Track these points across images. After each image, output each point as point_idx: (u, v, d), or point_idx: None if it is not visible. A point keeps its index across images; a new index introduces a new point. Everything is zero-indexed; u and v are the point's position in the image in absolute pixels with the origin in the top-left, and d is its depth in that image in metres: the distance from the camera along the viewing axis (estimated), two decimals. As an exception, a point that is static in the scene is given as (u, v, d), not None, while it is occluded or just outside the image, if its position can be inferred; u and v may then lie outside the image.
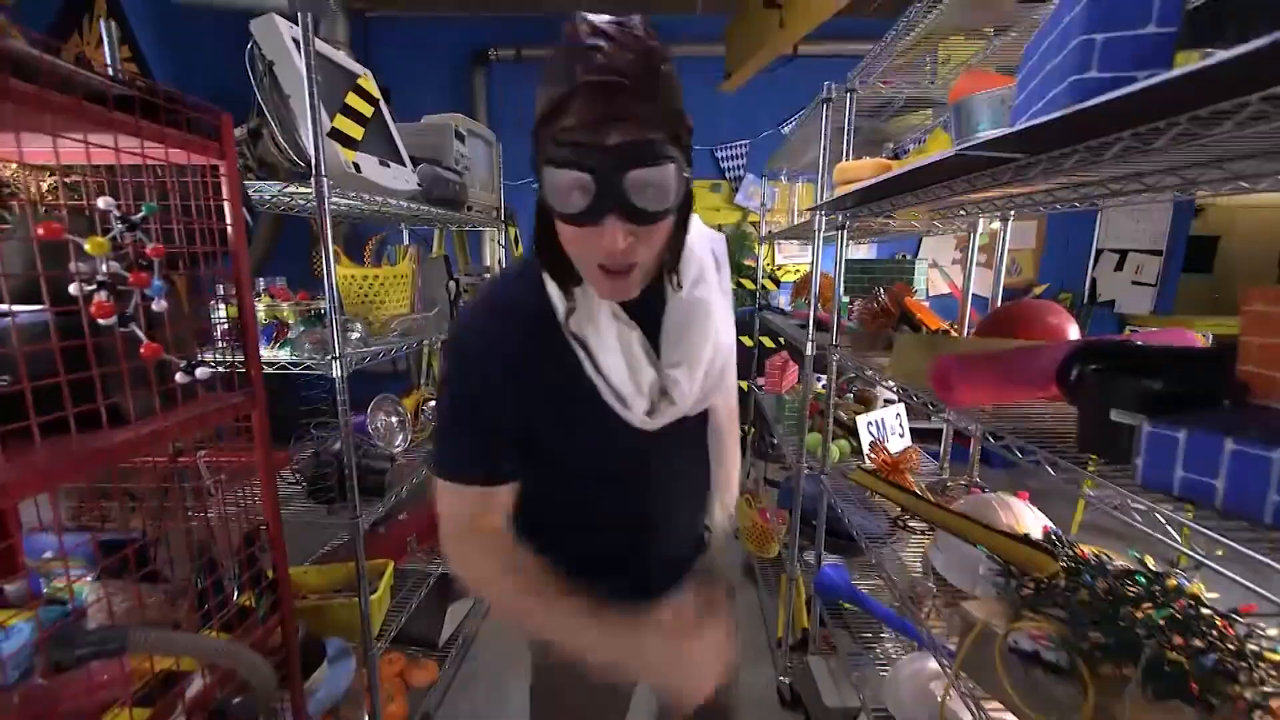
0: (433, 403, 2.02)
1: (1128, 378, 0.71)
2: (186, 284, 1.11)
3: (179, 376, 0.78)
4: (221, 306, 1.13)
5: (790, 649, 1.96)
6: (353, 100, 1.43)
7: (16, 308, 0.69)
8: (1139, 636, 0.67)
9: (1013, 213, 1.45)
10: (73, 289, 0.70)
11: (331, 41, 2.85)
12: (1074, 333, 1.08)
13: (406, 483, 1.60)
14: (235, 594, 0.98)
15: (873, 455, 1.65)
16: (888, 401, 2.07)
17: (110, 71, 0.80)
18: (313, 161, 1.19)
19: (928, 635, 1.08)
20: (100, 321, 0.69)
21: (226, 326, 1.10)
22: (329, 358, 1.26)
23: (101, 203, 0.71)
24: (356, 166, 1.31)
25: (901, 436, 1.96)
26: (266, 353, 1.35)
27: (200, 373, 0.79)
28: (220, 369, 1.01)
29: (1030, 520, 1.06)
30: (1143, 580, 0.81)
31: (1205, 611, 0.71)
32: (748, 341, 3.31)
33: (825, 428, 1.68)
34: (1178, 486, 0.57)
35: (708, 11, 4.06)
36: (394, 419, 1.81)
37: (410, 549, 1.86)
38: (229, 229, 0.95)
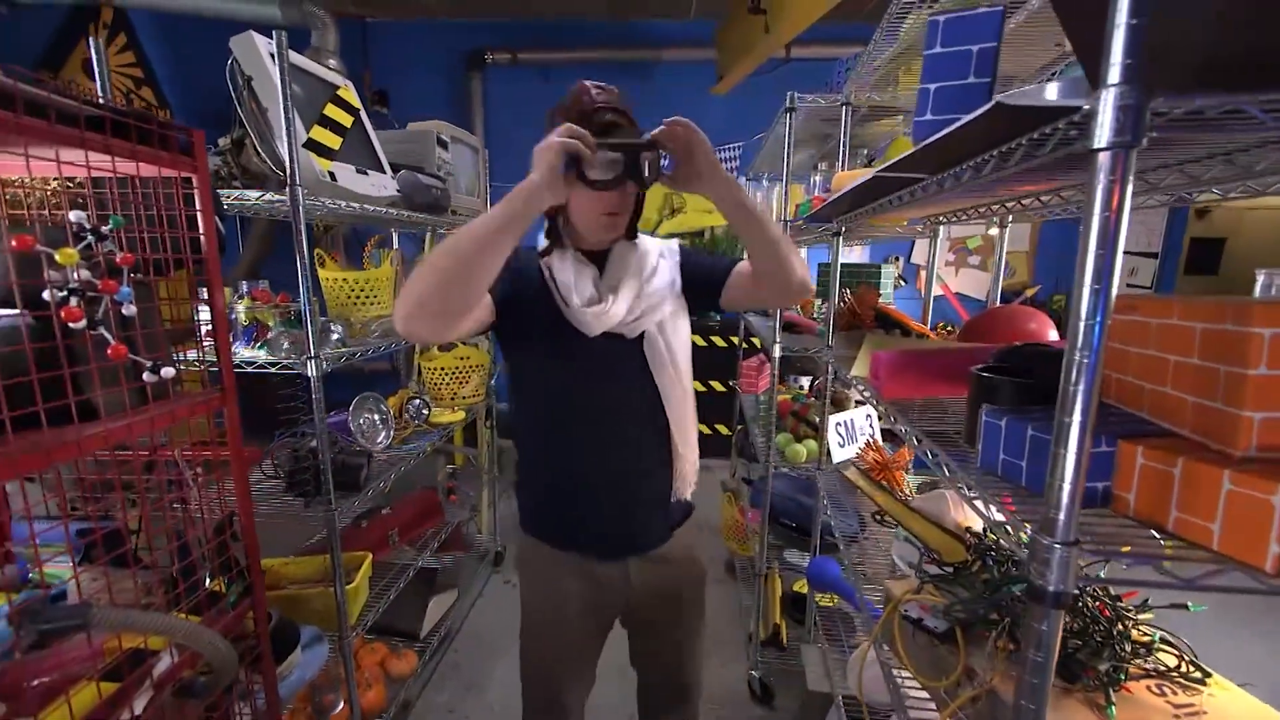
0: (416, 401, 2.08)
1: (999, 376, 0.76)
2: (180, 288, 1.18)
3: (146, 375, 0.84)
4: (204, 309, 1.19)
5: (762, 644, 2.01)
6: (331, 111, 1.49)
7: (-6, 312, 0.75)
8: (1007, 608, 0.73)
9: (1010, 218, 1.50)
10: (45, 295, 0.76)
11: (322, 50, 2.93)
12: (1053, 337, 1.15)
13: (386, 478, 1.66)
14: (207, 580, 1.05)
15: (864, 453, 1.70)
16: (859, 403, 2.11)
17: (99, 92, 0.86)
18: (287, 171, 1.25)
19: (868, 608, 1.15)
20: (71, 325, 0.75)
21: (208, 328, 1.17)
22: (305, 358, 1.32)
23: (72, 216, 0.77)
24: (332, 175, 1.37)
25: (871, 437, 2.00)
26: (246, 352, 1.42)
27: (165, 372, 0.85)
28: (191, 368, 1.08)
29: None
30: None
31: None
32: (735, 341, 3.35)
33: (823, 425, 1.74)
34: (1001, 468, 0.62)
35: (700, 16, 4.11)
36: (376, 417, 1.88)
37: (392, 542, 1.93)
38: (202, 237, 1.01)
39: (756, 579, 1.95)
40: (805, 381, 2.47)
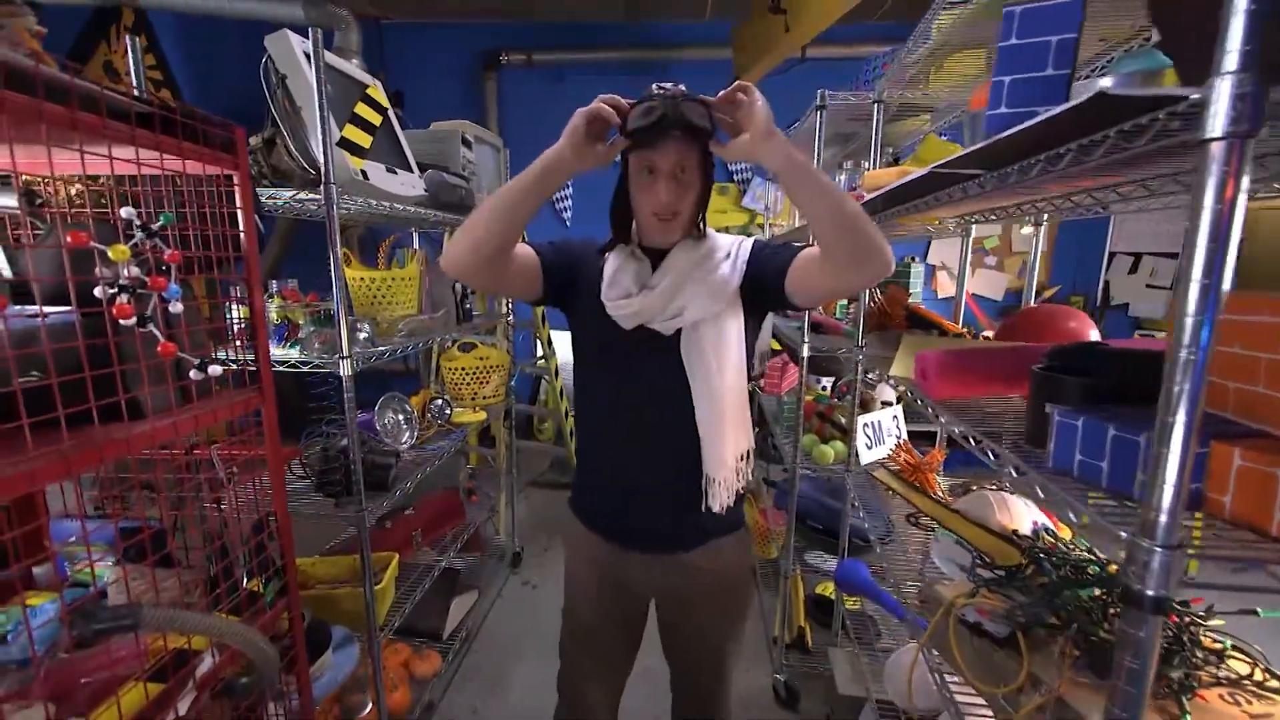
0: (438, 401, 2.08)
1: (1067, 375, 0.74)
2: (204, 286, 1.18)
3: (193, 373, 0.83)
4: (236, 308, 1.19)
5: (786, 647, 1.99)
6: (362, 110, 1.49)
7: (47, 309, 0.75)
8: (1071, 613, 0.71)
9: (1046, 216, 1.48)
10: (97, 292, 0.75)
11: (345, 50, 2.94)
12: (1093, 337, 1.12)
13: (412, 478, 1.66)
14: (245, 580, 1.04)
15: (896, 454, 1.68)
16: (885, 404, 2.09)
17: (135, 90, 0.86)
18: (322, 170, 1.25)
19: (912, 616, 1.12)
20: (121, 322, 0.75)
21: (241, 327, 1.17)
22: (337, 357, 1.32)
23: (124, 213, 0.77)
24: (364, 174, 1.37)
25: (898, 439, 1.98)
26: (278, 351, 1.42)
27: (212, 370, 0.84)
28: (233, 367, 1.07)
29: (1024, 515, 1.09)
30: (1096, 569, 0.84)
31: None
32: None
33: (852, 427, 1.72)
34: (1077, 469, 0.60)
35: (716, 16, 4.10)
36: (400, 417, 1.87)
37: (415, 544, 1.92)
38: (241, 235, 1.01)
39: (783, 581, 1.93)
40: (827, 382, 2.45)
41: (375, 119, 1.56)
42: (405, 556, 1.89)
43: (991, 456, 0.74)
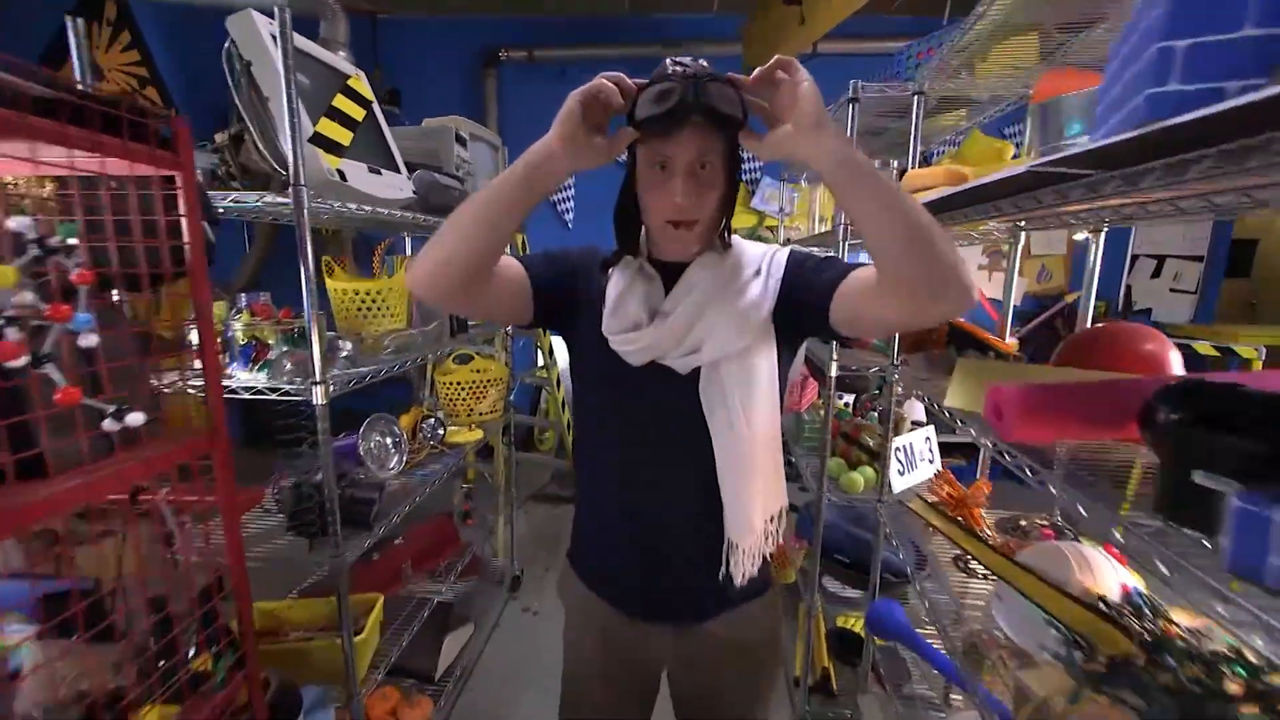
0: (430, 421, 1.92)
1: (1221, 432, 0.58)
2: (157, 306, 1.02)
3: (107, 423, 0.67)
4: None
5: (809, 690, 1.82)
6: (342, 103, 1.33)
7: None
8: None
9: (1105, 225, 1.31)
10: (-21, 326, 0.59)
11: (331, 41, 2.78)
12: (1175, 363, 0.94)
13: (399, 511, 1.49)
14: (191, 654, 0.88)
15: (937, 486, 1.51)
16: (916, 424, 1.92)
17: (78, 78, 0.70)
18: (291, 169, 1.09)
19: (984, 697, 0.96)
20: (6, 365, 0.59)
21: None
22: (309, 382, 1.16)
23: (12, 223, 0.61)
24: (341, 174, 1.21)
25: (931, 462, 1.82)
26: (246, 375, 1.25)
27: (131, 419, 0.68)
28: (187, 393, 0.91)
29: (1110, 578, 0.92)
30: (1241, 672, 0.67)
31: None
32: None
33: (885, 454, 1.55)
34: (1271, 577, 0.44)
35: (724, 11, 3.94)
36: (388, 440, 1.71)
37: (405, 576, 1.76)
38: (185, 247, 0.84)
39: (807, 620, 1.77)
40: (849, 398, 2.29)
41: (357, 113, 1.40)
42: (394, 592, 1.73)
43: (1120, 537, 0.57)
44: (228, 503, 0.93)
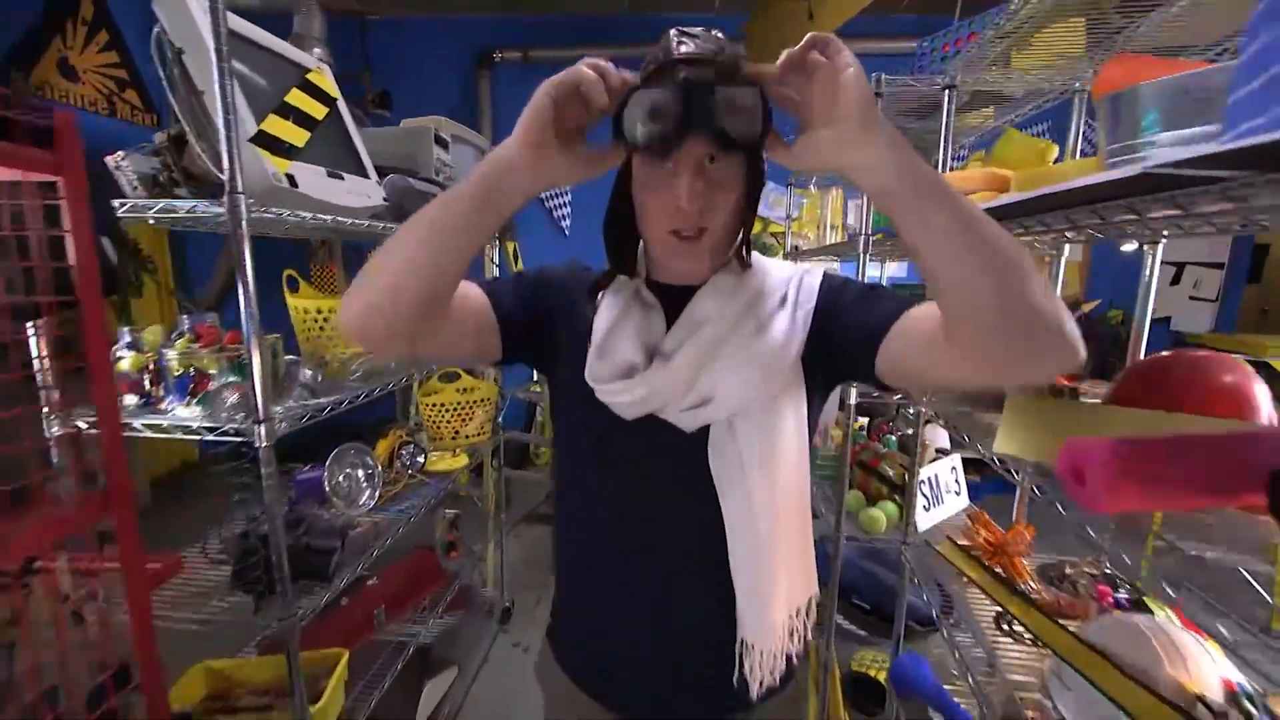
0: (410, 447, 1.75)
1: None
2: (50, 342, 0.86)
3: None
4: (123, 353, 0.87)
5: (826, 747, 1.65)
6: (297, 99, 1.17)
7: None
8: None
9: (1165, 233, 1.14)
10: None
11: (306, 38, 2.62)
12: (1263, 398, 0.76)
13: (366, 556, 1.33)
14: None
15: (971, 530, 1.34)
16: (940, 451, 1.76)
17: None
18: (226, 173, 0.93)
19: None
20: None
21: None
22: (251, 421, 0.99)
23: None
24: (290, 179, 1.05)
25: (958, 494, 1.65)
26: (184, 410, 1.09)
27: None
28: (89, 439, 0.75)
29: (1209, 669, 0.75)
30: None
31: None
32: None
33: (910, 492, 1.39)
34: None
35: (725, 9, 3.80)
36: (360, 473, 1.55)
37: (378, 623, 1.59)
38: (72, 269, 0.68)
39: (823, 673, 1.60)
40: (864, 420, 2.12)
41: (317, 111, 1.24)
42: (364, 640, 1.56)
43: (1224, 635, 0.41)
44: (136, 576, 0.77)
